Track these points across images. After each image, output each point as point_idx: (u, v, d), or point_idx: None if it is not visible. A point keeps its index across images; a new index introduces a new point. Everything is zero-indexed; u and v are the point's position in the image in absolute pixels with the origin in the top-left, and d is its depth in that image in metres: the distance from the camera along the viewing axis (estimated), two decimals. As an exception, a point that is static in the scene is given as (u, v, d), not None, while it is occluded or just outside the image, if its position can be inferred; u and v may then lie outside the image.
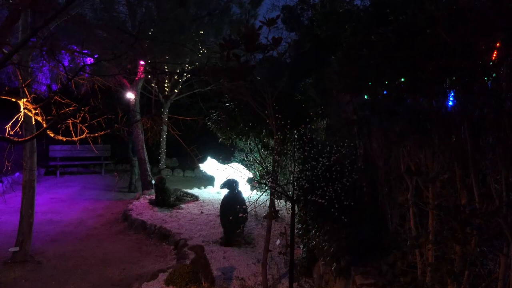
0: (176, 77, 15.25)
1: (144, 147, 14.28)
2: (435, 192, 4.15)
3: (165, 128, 15.86)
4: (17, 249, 8.26)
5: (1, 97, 4.89)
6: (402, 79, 4.22)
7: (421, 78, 3.87)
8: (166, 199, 11.82)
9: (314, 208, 7.11)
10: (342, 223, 5.98)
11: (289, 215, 6.27)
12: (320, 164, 6.03)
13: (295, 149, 6.40)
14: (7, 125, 5.35)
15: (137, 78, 13.65)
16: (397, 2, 6.84)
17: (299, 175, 6.04)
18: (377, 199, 6.33)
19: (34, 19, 8.11)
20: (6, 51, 6.16)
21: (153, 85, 15.60)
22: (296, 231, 7.40)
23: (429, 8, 3.80)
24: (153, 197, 12.35)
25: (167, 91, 16.01)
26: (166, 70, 14.38)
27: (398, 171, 4.99)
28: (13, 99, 4.91)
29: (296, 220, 7.07)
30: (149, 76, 14.40)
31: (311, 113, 8.08)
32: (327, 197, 5.71)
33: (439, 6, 3.71)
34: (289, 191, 5.90)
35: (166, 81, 15.87)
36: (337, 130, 7.87)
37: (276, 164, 6.13)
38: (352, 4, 12.10)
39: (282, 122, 6.52)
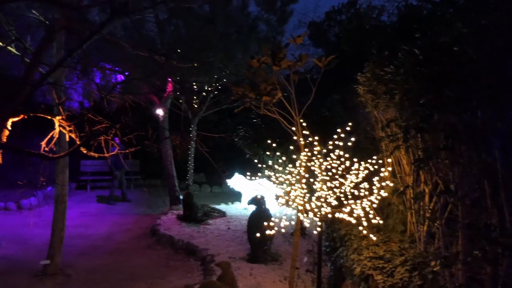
0: (204, 94, 15.42)
1: (173, 162, 14.41)
2: (465, 210, 4.09)
3: (193, 144, 16.00)
4: (48, 262, 8.41)
5: (37, 114, 5.05)
6: (430, 96, 4.20)
7: (448, 94, 3.84)
8: (194, 214, 11.89)
9: (342, 226, 7.06)
10: (371, 241, 5.92)
11: (317, 232, 6.23)
12: (348, 181, 6.00)
13: (323, 166, 6.38)
14: (41, 141, 5.50)
15: (166, 95, 13.85)
16: (423, 18, 6.82)
17: (327, 192, 6.02)
18: (406, 216, 6.26)
19: (68, 39, 8.37)
20: (42, 71, 6.37)
21: (181, 101, 15.79)
22: (323, 248, 7.36)
23: (455, 25, 3.79)
24: (181, 212, 12.44)
25: (195, 107, 16.19)
26: (195, 87, 14.55)
27: (427, 188, 4.94)
28: (49, 117, 5.08)
29: (323, 237, 7.03)
30: (178, 93, 14.60)
31: (339, 130, 8.05)
32: (355, 215, 5.67)
33: (465, 23, 3.69)
34: (317, 208, 5.88)
35: (195, 97, 16.05)
36: (365, 146, 7.83)
37: (303, 181, 6.13)
38: (378, 20, 12.09)
39: (310, 139, 6.53)
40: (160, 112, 14.08)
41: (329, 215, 5.98)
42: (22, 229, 11.40)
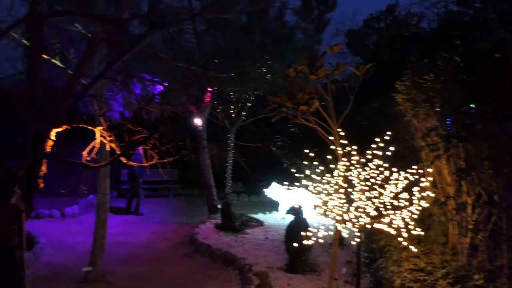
0: (241, 104, 15.51)
1: (211, 171, 14.51)
2: (510, 222, 3.95)
3: (231, 153, 16.10)
4: (90, 269, 8.60)
5: (80, 125, 5.20)
6: (471, 104, 4.09)
7: (491, 103, 3.73)
8: (232, 223, 11.93)
9: (381, 236, 6.94)
10: (411, 253, 5.79)
11: (356, 243, 6.14)
12: (387, 191, 5.89)
13: (362, 176, 6.29)
14: (83, 150, 5.66)
15: (204, 105, 13.99)
16: (464, 24, 6.67)
17: (365, 202, 5.93)
18: (448, 228, 6.09)
19: (110, 51, 8.60)
20: (84, 82, 6.56)
21: (219, 111, 15.93)
22: (362, 259, 7.25)
23: (497, 31, 3.69)
24: (219, 221, 12.50)
25: (233, 117, 16.30)
26: (232, 97, 14.67)
27: (469, 199, 4.79)
28: (90, 127, 5.23)
29: (362, 248, 6.92)
30: (215, 103, 14.73)
31: (377, 139, 7.95)
32: (394, 226, 5.56)
33: (508, 29, 3.59)
34: (356, 219, 5.80)
35: (232, 107, 16.17)
36: (405, 156, 7.69)
37: (341, 191, 6.06)
38: (418, 27, 11.89)
39: (348, 148, 6.46)
40: (198, 121, 14.23)
41: (368, 226, 5.88)
42: (66, 236, 11.69)
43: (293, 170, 11.49)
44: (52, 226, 12.62)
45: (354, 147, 6.16)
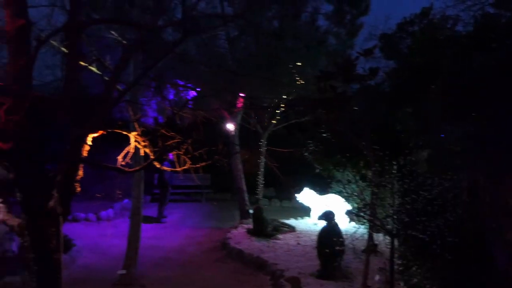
0: (273, 109, 15.50)
1: (243, 177, 14.55)
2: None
3: (263, 158, 16.10)
4: (124, 272, 8.75)
5: (115, 130, 5.31)
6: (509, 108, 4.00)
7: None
8: (263, 229, 11.93)
9: (415, 243, 6.81)
10: (446, 261, 5.68)
11: (389, 249, 6.07)
12: (421, 198, 5.80)
13: (394, 181, 6.22)
14: (117, 155, 5.77)
15: (236, 110, 14.06)
16: (501, 27, 6.52)
17: (399, 209, 5.86)
18: (484, 236, 5.94)
19: (144, 58, 8.75)
20: (120, 88, 6.70)
21: (251, 116, 15.96)
22: (396, 267, 7.14)
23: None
24: (251, 226, 12.52)
25: (265, 122, 16.30)
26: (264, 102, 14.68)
27: (506, 206, 4.68)
28: (125, 132, 5.34)
29: (396, 255, 6.82)
30: (247, 108, 14.78)
31: (411, 144, 7.85)
32: (428, 232, 5.47)
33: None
34: (389, 225, 5.74)
35: (264, 112, 16.17)
36: (439, 161, 7.55)
37: (374, 197, 6.01)
38: (453, 30, 11.63)
39: (380, 153, 6.40)
40: (230, 127, 14.31)
41: (401, 232, 5.81)
42: (101, 239, 11.94)
43: (325, 176, 11.49)
44: (88, 229, 12.89)
45: (387, 152, 6.09)
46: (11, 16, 4.48)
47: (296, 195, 13.87)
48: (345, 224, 10.72)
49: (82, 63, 5.67)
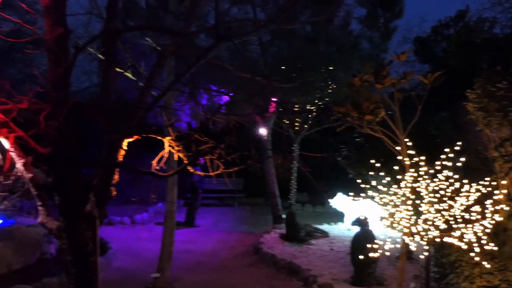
0: (305, 113, 15.47)
1: (275, 181, 14.53)
2: None
3: (295, 163, 16.07)
4: (158, 275, 8.84)
5: (149, 135, 5.40)
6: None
7: None
8: (296, 234, 11.89)
9: (452, 251, 6.68)
10: (484, 269, 5.54)
11: (424, 256, 5.95)
12: (457, 204, 5.68)
13: (430, 187, 6.10)
14: (151, 160, 5.85)
15: (268, 115, 14.07)
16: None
17: (435, 215, 5.74)
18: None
19: (178, 63, 8.88)
20: (154, 94, 6.81)
21: (284, 121, 15.96)
22: (432, 274, 7.00)
23: None
24: (283, 231, 12.49)
25: (297, 127, 16.28)
26: (297, 107, 14.67)
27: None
28: (159, 137, 5.42)
29: (432, 262, 6.69)
30: (280, 113, 14.79)
31: (447, 149, 7.71)
32: (466, 240, 5.34)
33: None
34: (424, 231, 5.63)
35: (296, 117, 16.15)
36: (476, 167, 7.38)
37: (409, 203, 5.91)
38: (490, 33, 11.38)
39: (415, 159, 6.29)
40: (263, 131, 14.33)
41: (437, 239, 5.69)
42: (135, 242, 12.12)
43: (359, 181, 11.35)
44: (123, 233, 13.11)
45: (422, 157, 5.99)
46: (51, 25, 4.61)
47: (329, 200, 13.77)
48: (378, 230, 10.55)
49: (117, 69, 5.79)
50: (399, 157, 6.20)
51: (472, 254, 5.37)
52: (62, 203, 4.85)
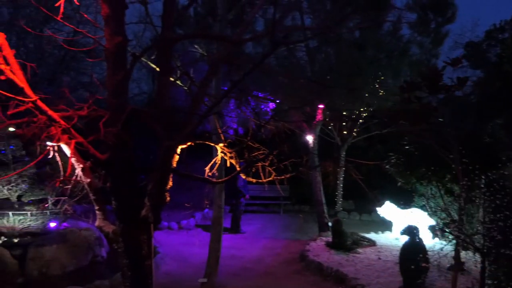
0: (353, 120, 15.35)
1: (322, 189, 14.44)
2: None
3: (342, 170, 15.94)
4: (205, 280, 8.97)
5: (203, 142, 5.52)
6: None
7: None
8: (343, 242, 11.78)
9: (509, 263, 6.45)
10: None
11: (477, 268, 5.78)
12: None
13: (485, 197, 5.94)
14: (198, 165, 5.96)
15: (315, 122, 14.03)
16: None
17: (490, 225, 5.58)
18: None
19: (228, 70, 9.01)
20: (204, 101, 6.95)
21: (330, 127, 15.88)
22: (486, 287, 6.78)
23: None
24: (330, 239, 12.40)
25: (344, 134, 16.15)
26: (344, 113, 14.57)
27: None
28: (212, 144, 5.54)
29: (486, 274, 6.49)
30: (327, 119, 14.73)
31: (502, 157, 7.46)
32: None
33: None
34: (478, 242, 5.48)
35: (344, 124, 16.04)
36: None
37: (462, 212, 5.77)
38: (549, 36, 10.96)
39: (469, 167, 6.14)
40: (310, 138, 14.29)
41: (493, 250, 5.53)
42: (182, 247, 12.32)
43: (408, 189, 11.14)
44: (170, 238, 13.36)
45: (476, 166, 5.85)
46: (110, 34, 4.79)
47: (376, 208, 13.57)
48: (428, 240, 10.33)
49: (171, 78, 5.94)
50: (452, 166, 6.06)
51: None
52: (119, 207, 5.01)
